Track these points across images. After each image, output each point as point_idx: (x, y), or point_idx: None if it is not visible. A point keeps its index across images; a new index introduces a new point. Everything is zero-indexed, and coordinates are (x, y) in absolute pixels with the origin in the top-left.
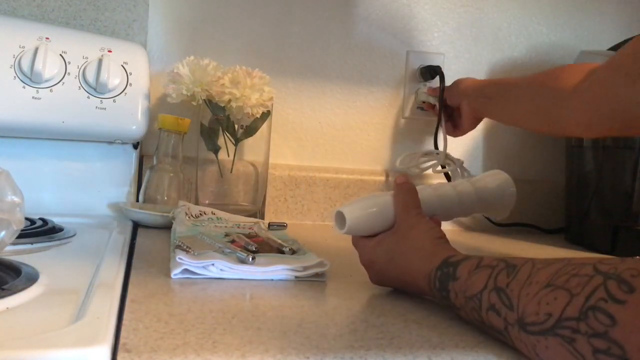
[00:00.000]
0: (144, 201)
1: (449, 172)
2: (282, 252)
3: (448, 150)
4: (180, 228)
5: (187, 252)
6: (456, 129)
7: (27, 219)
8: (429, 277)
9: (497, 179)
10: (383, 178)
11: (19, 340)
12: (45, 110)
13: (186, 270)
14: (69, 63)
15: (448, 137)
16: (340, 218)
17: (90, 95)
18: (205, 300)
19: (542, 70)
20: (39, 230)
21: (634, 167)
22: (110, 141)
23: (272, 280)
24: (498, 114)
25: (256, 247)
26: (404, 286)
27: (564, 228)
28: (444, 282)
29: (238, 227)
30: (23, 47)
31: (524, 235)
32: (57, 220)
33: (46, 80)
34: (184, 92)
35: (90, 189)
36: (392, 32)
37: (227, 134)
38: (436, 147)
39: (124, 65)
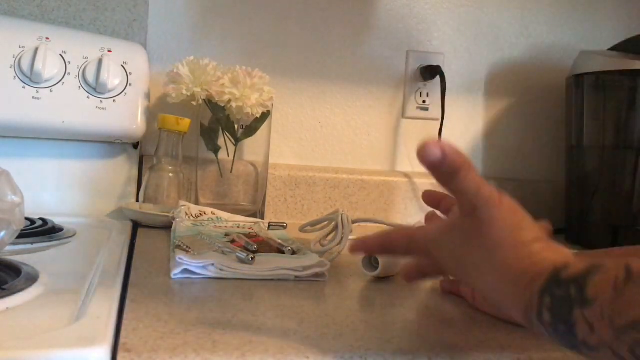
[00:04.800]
0: (144, 201)
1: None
2: (282, 252)
3: None
4: (180, 228)
5: (187, 252)
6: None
7: (27, 219)
8: (527, 307)
9: None
10: (383, 178)
11: (19, 340)
12: (45, 110)
13: (186, 270)
14: (69, 63)
15: (446, 137)
16: (368, 261)
17: (90, 95)
18: (205, 300)
19: (541, 70)
20: (39, 230)
21: (634, 167)
22: (110, 141)
23: (272, 280)
24: None
25: (256, 247)
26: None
27: (564, 228)
28: (560, 310)
29: (238, 227)
30: (23, 47)
31: None
32: (57, 220)
33: (46, 80)
34: (184, 92)
35: (90, 189)
36: (392, 32)
37: (227, 134)
38: None
39: (124, 65)
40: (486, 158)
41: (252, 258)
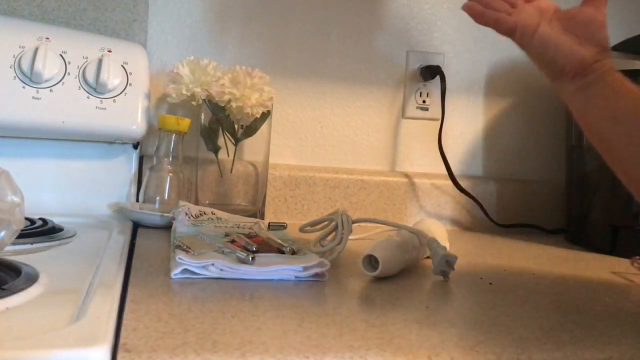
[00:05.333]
0: (144, 201)
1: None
2: (282, 252)
3: (445, 150)
4: (180, 228)
5: (187, 252)
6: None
7: (27, 219)
8: None
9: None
10: (383, 178)
11: (19, 340)
12: (45, 110)
13: (186, 270)
14: (69, 63)
15: (446, 137)
16: (368, 261)
17: (90, 95)
18: (205, 300)
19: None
20: (39, 230)
21: None
22: (110, 141)
23: (272, 280)
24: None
25: (256, 247)
26: None
27: (564, 228)
28: None
29: (238, 227)
30: (23, 47)
31: (524, 235)
32: (57, 220)
33: (46, 80)
34: (184, 92)
35: (90, 189)
36: (392, 32)
37: (227, 134)
38: (441, 149)
39: (124, 65)
40: (486, 158)
41: (252, 258)
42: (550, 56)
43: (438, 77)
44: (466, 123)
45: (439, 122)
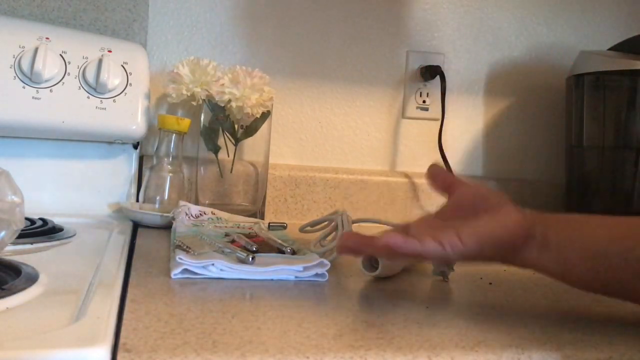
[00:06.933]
0: (144, 201)
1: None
2: (282, 252)
3: (445, 150)
4: (180, 228)
5: (187, 252)
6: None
7: (27, 219)
8: None
9: None
10: (383, 178)
11: (19, 340)
12: (45, 110)
13: (186, 270)
14: (69, 63)
15: (446, 137)
16: (368, 261)
17: (90, 95)
18: (205, 300)
19: (541, 70)
20: (39, 230)
21: (634, 167)
22: (110, 141)
23: (272, 280)
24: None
25: (256, 247)
26: None
27: None
28: None
29: (238, 227)
30: (23, 47)
31: None
32: (57, 220)
33: (46, 80)
34: (184, 92)
35: (90, 189)
36: (392, 32)
37: (227, 134)
38: (441, 149)
39: (124, 65)
40: (486, 158)
41: (252, 258)
42: (494, 242)
43: (438, 77)
44: (466, 123)
45: (439, 122)
